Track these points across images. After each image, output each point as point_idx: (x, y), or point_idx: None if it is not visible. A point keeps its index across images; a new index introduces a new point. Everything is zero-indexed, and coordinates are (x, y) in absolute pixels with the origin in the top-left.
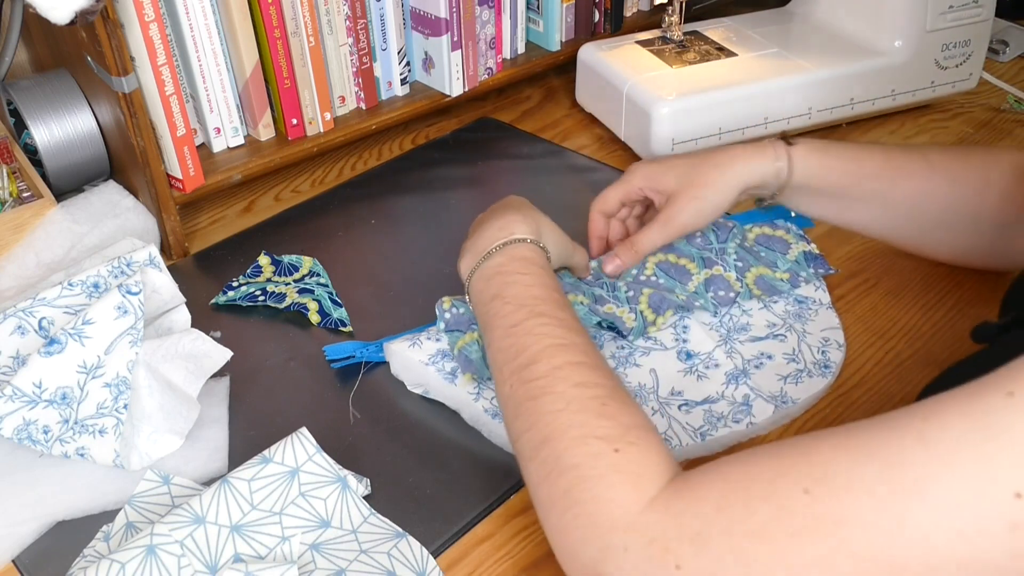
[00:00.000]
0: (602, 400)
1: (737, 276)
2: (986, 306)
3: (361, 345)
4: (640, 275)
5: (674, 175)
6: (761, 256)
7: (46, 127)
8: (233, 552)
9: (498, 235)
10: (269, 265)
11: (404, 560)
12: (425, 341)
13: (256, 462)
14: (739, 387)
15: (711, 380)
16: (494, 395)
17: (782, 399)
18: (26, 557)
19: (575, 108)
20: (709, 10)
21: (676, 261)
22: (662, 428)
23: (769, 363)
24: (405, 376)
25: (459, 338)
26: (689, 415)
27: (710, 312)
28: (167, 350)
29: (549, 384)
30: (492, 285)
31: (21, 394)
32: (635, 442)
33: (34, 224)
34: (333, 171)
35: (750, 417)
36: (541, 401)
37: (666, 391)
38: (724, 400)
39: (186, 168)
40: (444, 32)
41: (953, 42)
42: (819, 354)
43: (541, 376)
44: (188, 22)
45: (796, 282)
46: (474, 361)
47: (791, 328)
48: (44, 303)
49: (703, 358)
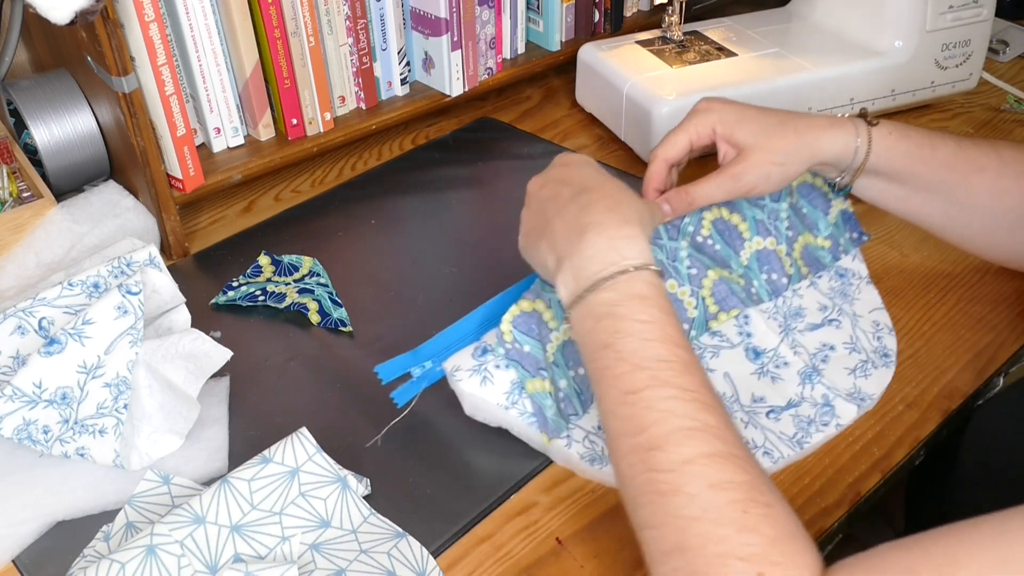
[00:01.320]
0: (743, 506)
1: (787, 250)
2: (986, 306)
3: (412, 358)
4: (697, 235)
5: (750, 129)
6: (804, 214)
7: (46, 127)
8: (233, 552)
9: (607, 257)
10: (269, 265)
11: (404, 560)
12: (495, 371)
13: (256, 462)
14: (815, 387)
15: (786, 381)
16: (586, 436)
17: (859, 397)
18: (26, 557)
19: (575, 108)
20: (709, 10)
21: (729, 217)
22: (759, 441)
23: (833, 355)
24: (481, 417)
25: (527, 378)
26: (779, 423)
27: (765, 300)
28: (167, 350)
29: (679, 481)
30: (603, 329)
31: (21, 394)
32: (780, 561)
33: (34, 224)
34: (333, 171)
35: (836, 419)
36: (671, 501)
37: (747, 398)
38: (806, 402)
39: (186, 168)
40: (444, 32)
41: (953, 42)
42: (875, 340)
43: (669, 469)
44: (188, 22)
45: (836, 253)
46: (549, 420)
47: (842, 311)
48: (44, 303)
49: (771, 356)
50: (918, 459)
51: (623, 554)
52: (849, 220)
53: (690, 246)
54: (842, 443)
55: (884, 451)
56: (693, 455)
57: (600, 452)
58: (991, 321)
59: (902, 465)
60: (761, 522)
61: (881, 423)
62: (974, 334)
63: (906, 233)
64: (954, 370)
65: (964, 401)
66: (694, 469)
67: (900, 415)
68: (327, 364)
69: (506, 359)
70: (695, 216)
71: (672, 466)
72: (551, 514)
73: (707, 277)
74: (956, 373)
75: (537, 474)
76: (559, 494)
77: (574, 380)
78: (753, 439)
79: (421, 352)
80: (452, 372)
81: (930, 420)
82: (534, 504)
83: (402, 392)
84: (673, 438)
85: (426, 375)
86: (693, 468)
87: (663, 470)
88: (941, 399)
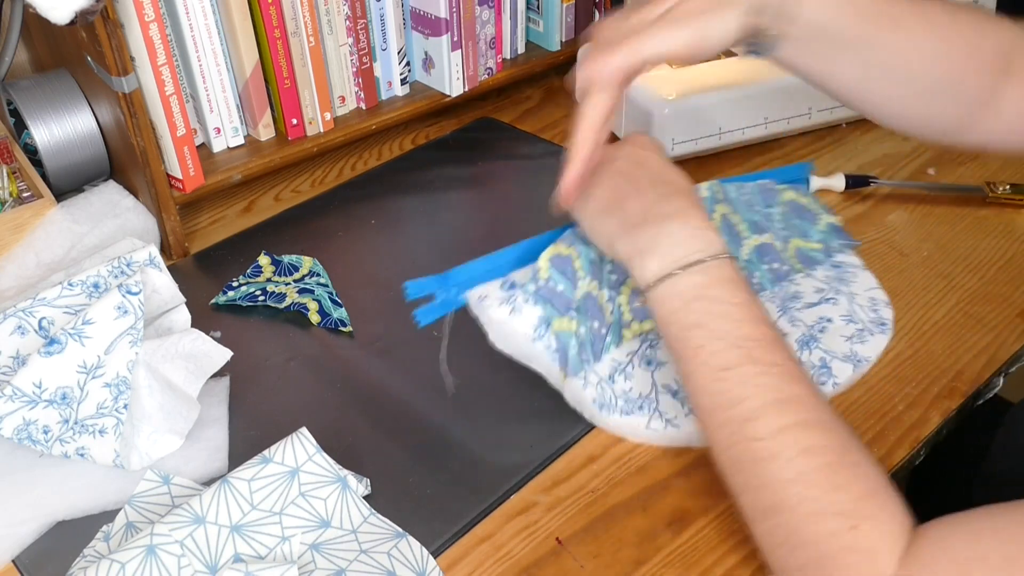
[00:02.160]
0: (834, 468)
1: (783, 247)
2: (986, 306)
3: (440, 281)
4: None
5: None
6: (795, 224)
7: (46, 127)
8: (233, 552)
9: (693, 244)
10: (269, 265)
11: (404, 560)
12: (523, 304)
13: (256, 462)
14: (813, 352)
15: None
16: (599, 381)
17: (855, 359)
18: (26, 557)
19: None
20: None
21: (730, 215)
22: None
23: (830, 326)
24: (504, 346)
25: (555, 317)
26: None
27: (767, 288)
28: (167, 350)
29: (774, 448)
30: (693, 311)
31: (21, 394)
32: (871, 515)
33: (34, 224)
34: (333, 171)
35: (833, 379)
36: (767, 466)
37: None
38: (804, 365)
39: (186, 168)
40: (444, 32)
41: None
42: (872, 312)
43: (764, 437)
44: (188, 22)
45: (829, 252)
46: (570, 359)
47: (839, 291)
48: (44, 303)
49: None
50: (918, 459)
51: (623, 554)
52: (837, 231)
53: None
54: None
55: (884, 451)
56: (786, 424)
57: (608, 400)
58: (991, 321)
59: (902, 465)
60: (851, 481)
61: (881, 423)
62: (974, 334)
63: (906, 233)
64: (954, 370)
65: (964, 401)
66: (787, 438)
67: (900, 415)
68: (327, 364)
69: (536, 295)
70: (709, 208)
71: (768, 435)
72: (551, 514)
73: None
74: (956, 373)
75: (537, 474)
76: (559, 494)
77: (590, 331)
78: None
79: (450, 277)
80: (479, 299)
81: (930, 420)
82: (534, 504)
83: (425, 312)
84: (767, 410)
85: (449, 301)
86: (786, 436)
87: (759, 438)
88: (941, 399)
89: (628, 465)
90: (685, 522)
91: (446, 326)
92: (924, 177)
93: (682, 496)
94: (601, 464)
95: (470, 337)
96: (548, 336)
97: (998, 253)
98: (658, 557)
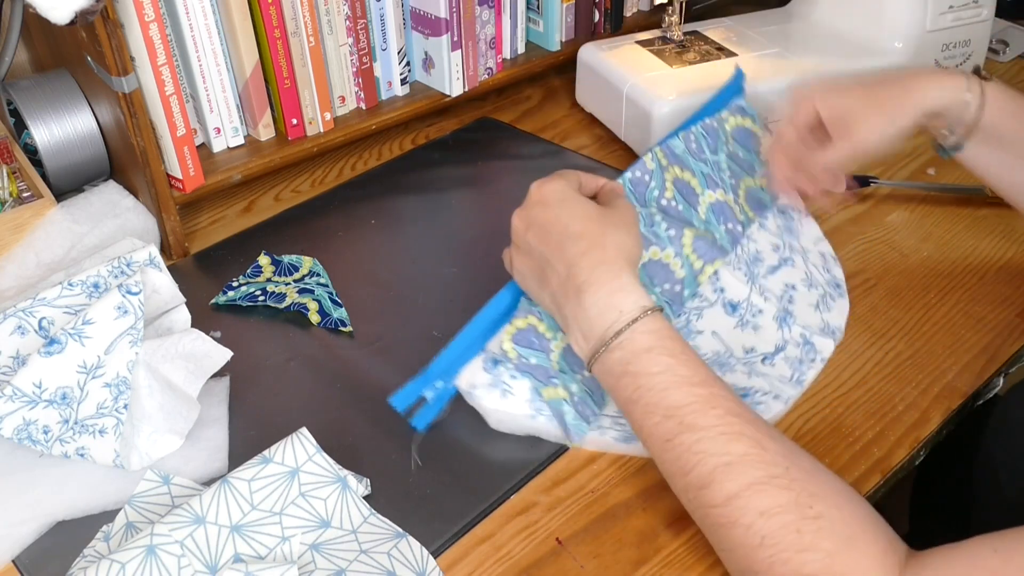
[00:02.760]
0: (795, 527)
1: (735, 198)
2: (986, 306)
3: (423, 381)
4: (662, 199)
5: (854, 97)
6: (742, 159)
7: (46, 127)
8: (233, 552)
9: (607, 316)
10: (269, 265)
11: (404, 560)
12: (511, 382)
13: (256, 462)
14: (791, 328)
15: (765, 328)
16: (613, 421)
17: (830, 330)
18: (26, 557)
19: (575, 108)
20: (709, 10)
21: (681, 175)
22: (766, 388)
23: (796, 294)
24: (507, 429)
25: (543, 387)
26: (775, 367)
27: (729, 251)
28: (167, 350)
29: (732, 515)
30: (624, 387)
31: (21, 394)
32: (843, 571)
33: (34, 224)
34: (333, 171)
35: (819, 354)
36: (730, 532)
37: (740, 351)
38: (790, 344)
39: (186, 168)
40: (444, 32)
41: (953, 42)
42: (825, 272)
43: (719, 504)
44: (188, 22)
45: (773, 192)
46: (569, 425)
47: (792, 248)
48: (44, 303)
49: (745, 306)
50: (918, 459)
51: (623, 554)
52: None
53: (659, 211)
54: (842, 443)
55: (884, 451)
56: (737, 488)
57: (631, 432)
58: (991, 321)
59: (902, 465)
60: (816, 538)
61: (881, 423)
62: (974, 334)
63: (906, 233)
64: (954, 370)
65: (964, 401)
66: (741, 502)
67: (900, 415)
68: (327, 364)
69: (517, 368)
70: (658, 178)
71: (721, 502)
72: (551, 514)
73: (684, 236)
74: (956, 373)
75: (537, 474)
76: (559, 494)
77: (583, 383)
78: (760, 387)
79: (430, 373)
80: (469, 390)
81: (930, 420)
82: (534, 504)
83: (420, 416)
84: (715, 476)
85: (440, 395)
86: (740, 501)
87: (716, 505)
88: (941, 399)
89: (628, 465)
90: (685, 522)
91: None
92: (924, 177)
93: None
94: (601, 464)
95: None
96: (544, 407)
97: (998, 253)
98: (658, 557)
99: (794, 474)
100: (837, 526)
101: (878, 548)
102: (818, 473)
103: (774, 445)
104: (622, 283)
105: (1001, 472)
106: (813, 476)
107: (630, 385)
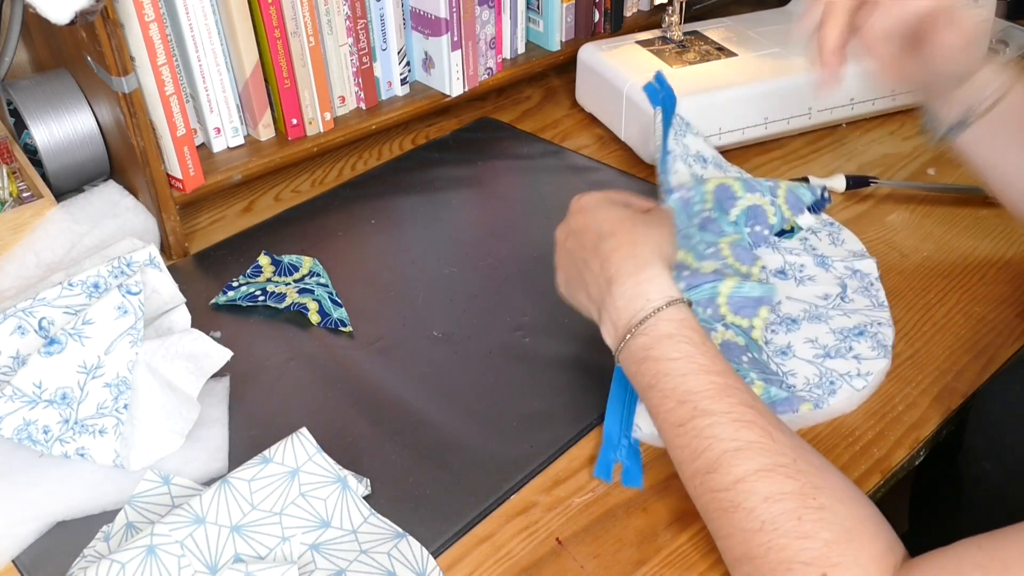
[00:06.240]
0: (797, 514)
1: (771, 200)
2: (986, 306)
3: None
4: (703, 212)
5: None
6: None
7: (46, 127)
8: (233, 552)
9: (634, 304)
10: (269, 265)
11: (404, 560)
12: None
13: (256, 462)
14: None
15: (818, 277)
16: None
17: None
18: (26, 557)
19: (575, 108)
20: (709, 10)
21: (724, 179)
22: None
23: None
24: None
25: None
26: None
27: (745, 246)
28: (167, 350)
29: (736, 498)
30: (644, 372)
31: (21, 394)
32: (838, 563)
33: (34, 224)
34: (333, 171)
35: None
36: (732, 516)
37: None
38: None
39: (186, 168)
40: (444, 32)
41: None
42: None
43: (724, 488)
44: (188, 22)
45: (815, 192)
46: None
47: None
48: (44, 303)
49: (789, 269)
50: (918, 459)
51: (623, 554)
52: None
53: (700, 229)
54: (842, 443)
55: (884, 451)
56: (743, 473)
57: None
58: (991, 321)
59: (902, 465)
60: (817, 527)
61: (881, 423)
62: (974, 334)
63: (906, 234)
64: (954, 370)
65: (964, 401)
66: (746, 486)
67: (900, 415)
68: (327, 364)
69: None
70: (697, 190)
71: (727, 486)
72: (551, 514)
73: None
74: (956, 373)
75: (537, 474)
76: (559, 494)
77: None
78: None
79: (608, 439)
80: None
81: (930, 420)
82: (534, 504)
83: (629, 477)
84: (723, 460)
85: (631, 451)
86: (745, 486)
87: (721, 489)
88: (941, 399)
89: None
90: (685, 522)
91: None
92: (924, 177)
93: (682, 496)
94: None
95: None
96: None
97: (998, 253)
98: (658, 557)
99: (801, 466)
100: (839, 519)
101: (877, 547)
102: (825, 469)
103: (784, 437)
104: (651, 273)
105: (984, 462)
106: (820, 471)
107: (650, 370)
